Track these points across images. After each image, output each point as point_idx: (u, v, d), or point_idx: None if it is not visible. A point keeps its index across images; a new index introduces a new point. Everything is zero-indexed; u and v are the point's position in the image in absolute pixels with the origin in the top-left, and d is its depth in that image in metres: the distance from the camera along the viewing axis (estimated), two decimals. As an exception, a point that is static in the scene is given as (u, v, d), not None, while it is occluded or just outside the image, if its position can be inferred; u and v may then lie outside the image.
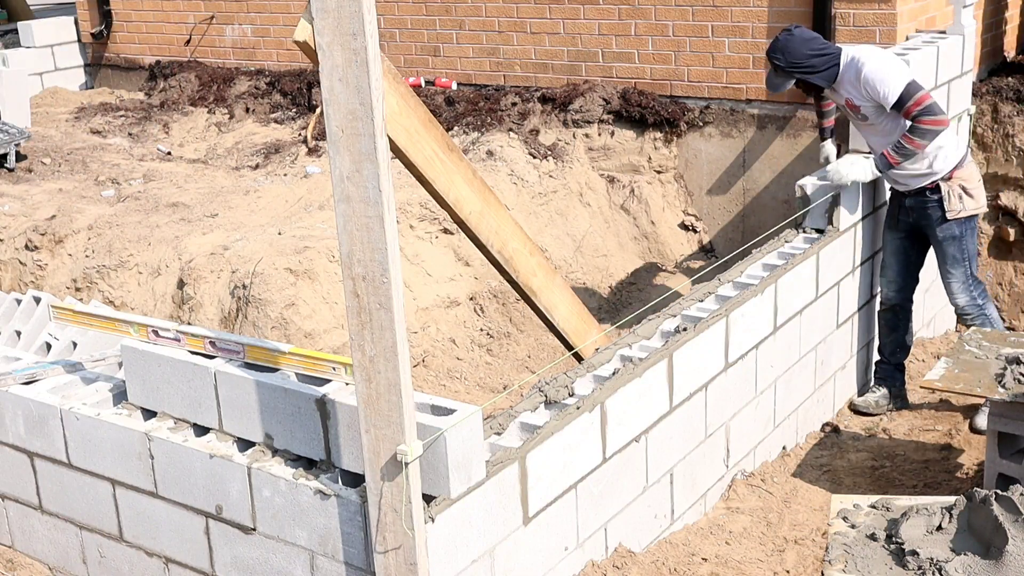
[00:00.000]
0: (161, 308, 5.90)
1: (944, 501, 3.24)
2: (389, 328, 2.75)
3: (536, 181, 6.83)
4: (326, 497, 3.17)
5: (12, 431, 3.96)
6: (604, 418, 3.68)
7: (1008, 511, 2.95)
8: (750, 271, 4.67)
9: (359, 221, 2.70)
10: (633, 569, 3.83)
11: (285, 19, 8.80)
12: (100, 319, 3.81)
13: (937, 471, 4.83)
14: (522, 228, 4.53)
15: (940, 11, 6.49)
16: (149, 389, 3.60)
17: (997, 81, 6.40)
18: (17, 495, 4.08)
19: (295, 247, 5.81)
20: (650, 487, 4.02)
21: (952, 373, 4.28)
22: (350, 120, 2.64)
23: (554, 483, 3.51)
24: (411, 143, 3.80)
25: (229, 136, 8.43)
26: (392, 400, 2.81)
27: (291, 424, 3.26)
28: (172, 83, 9.30)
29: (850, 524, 3.24)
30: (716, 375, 4.31)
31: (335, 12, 2.57)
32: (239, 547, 3.46)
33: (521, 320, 6.16)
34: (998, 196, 6.29)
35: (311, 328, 5.53)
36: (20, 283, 6.32)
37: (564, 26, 7.34)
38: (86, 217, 6.53)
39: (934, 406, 5.42)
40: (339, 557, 3.20)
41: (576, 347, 4.71)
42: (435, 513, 3.02)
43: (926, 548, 3.01)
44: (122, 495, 3.72)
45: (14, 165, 7.63)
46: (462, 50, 7.87)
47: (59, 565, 4.03)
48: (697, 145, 6.99)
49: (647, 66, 7.09)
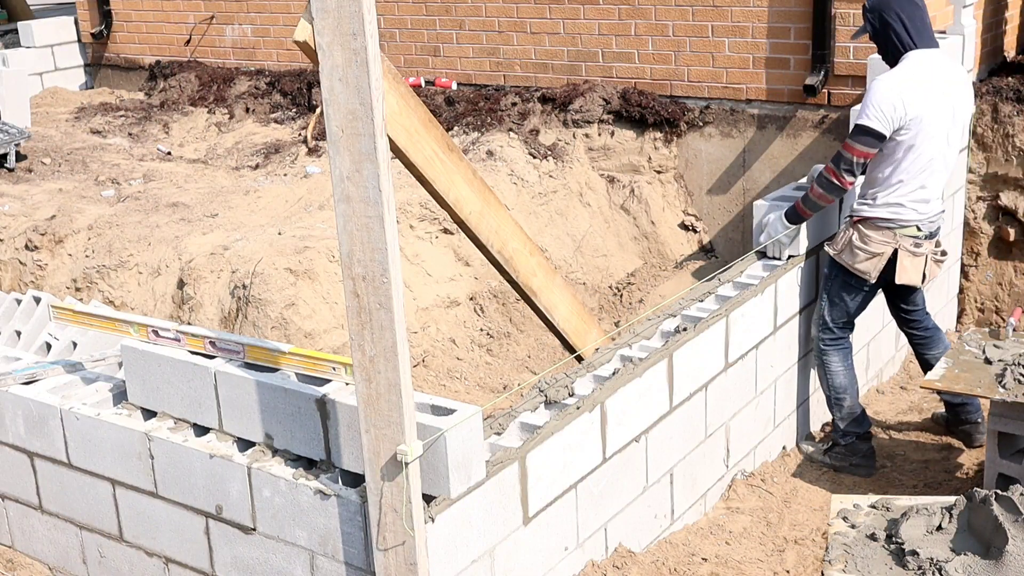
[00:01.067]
0: (161, 308, 5.90)
1: (944, 501, 3.24)
2: (389, 328, 2.75)
3: (536, 181, 6.83)
4: (326, 497, 3.17)
5: (12, 431, 3.96)
6: (604, 418, 3.68)
7: (1008, 511, 2.95)
8: (750, 271, 4.67)
9: (359, 221, 2.70)
10: (633, 569, 3.83)
11: (285, 19, 8.80)
12: (100, 319, 3.81)
13: (937, 471, 4.83)
14: (522, 228, 4.53)
15: (940, 11, 6.48)
16: (149, 389, 3.60)
17: (997, 81, 6.40)
18: (17, 495, 4.08)
19: (295, 247, 5.81)
20: (650, 487, 4.02)
21: (952, 373, 4.28)
22: (350, 120, 2.64)
23: (554, 483, 3.51)
24: (411, 143, 3.80)
25: (229, 136, 8.43)
26: (392, 400, 2.81)
27: (291, 424, 3.26)
28: (172, 83, 9.30)
29: (850, 524, 3.24)
30: (716, 375, 4.31)
31: (335, 12, 2.57)
32: (239, 547, 3.46)
33: (521, 320, 6.16)
34: (998, 196, 6.29)
35: (311, 328, 5.53)
36: (20, 283, 6.32)
37: (564, 26, 7.34)
38: (86, 217, 6.53)
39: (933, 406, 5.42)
40: (339, 557, 3.20)
41: (576, 347, 4.71)
42: (435, 513, 3.02)
43: (926, 548, 3.01)
44: (122, 495, 3.72)
45: (14, 165, 7.63)
46: (462, 50, 7.87)
47: (59, 565, 4.03)
48: (697, 145, 6.99)
49: (647, 66, 7.09)
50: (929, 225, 4.53)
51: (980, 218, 6.37)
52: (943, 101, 4.37)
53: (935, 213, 4.55)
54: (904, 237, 4.49)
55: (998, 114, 6.22)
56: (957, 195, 6.18)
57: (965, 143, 4.67)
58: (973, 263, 6.44)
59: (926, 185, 4.44)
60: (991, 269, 6.41)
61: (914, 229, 4.50)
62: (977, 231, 6.39)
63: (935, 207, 4.54)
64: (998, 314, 6.38)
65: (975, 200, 6.38)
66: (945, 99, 4.38)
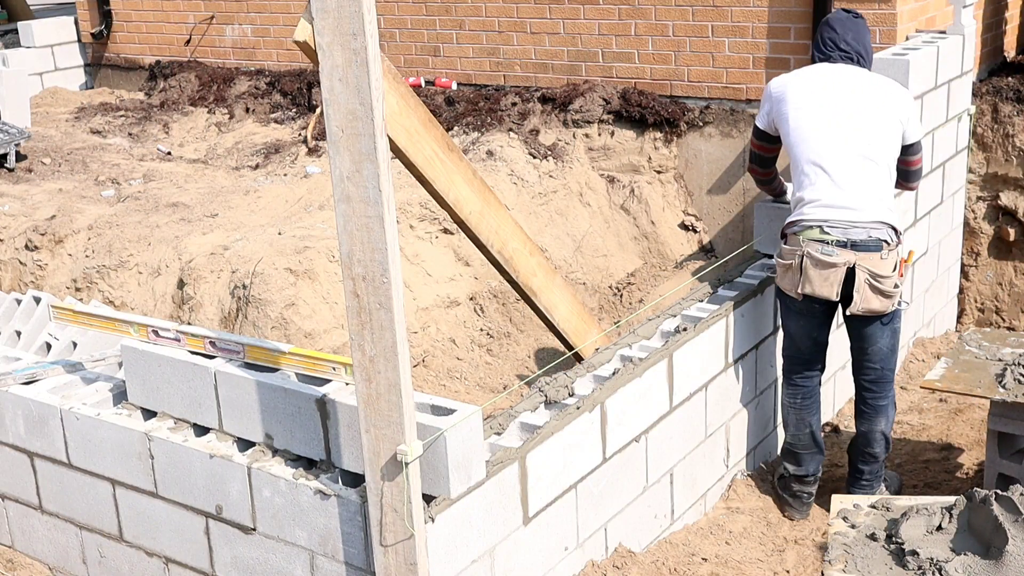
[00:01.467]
0: (161, 308, 5.90)
1: (944, 501, 3.24)
2: (389, 328, 2.75)
3: (536, 181, 6.83)
4: (326, 497, 3.17)
5: (12, 431, 3.96)
6: (604, 418, 3.68)
7: (1008, 511, 2.95)
8: (750, 271, 4.67)
9: (359, 221, 2.70)
10: (633, 569, 3.83)
11: (285, 19, 8.80)
12: (100, 319, 3.81)
13: (937, 471, 4.83)
14: (522, 228, 4.53)
15: (940, 11, 6.49)
16: (149, 389, 3.60)
17: (997, 81, 6.40)
18: (17, 495, 4.08)
19: (295, 247, 5.81)
20: (650, 487, 4.02)
21: (952, 373, 4.28)
22: (350, 120, 2.63)
23: (554, 483, 3.51)
24: (411, 143, 3.80)
25: (229, 136, 8.43)
26: (392, 400, 2.81)
27: (291, 424, 3.26)
28: (172, 83, 9.30)
29: (850, 524, 3.24)
30: (716, 375, 4.31)
31: (335, 12, 2.57)
32: (239, 547, 3.46)
33: (521, 320, 6.16)
34: (998, 196, 6.29)
35: (311, 328, 5.53)
36: (20, 283, 6.32)
37: (564, 26, 7.34)
38: (86, 217, 6.53)
39: (933, 406, 5.42)
40: (339, 557, 3.20)
41: (576, 347, 4.71)
42: (435, 513, 3.02)
43: (926, 548, 3.01)
44: (122, 495, 3.72)
45: (14, 165, 7.63)
46: (462, 50, 7.87)
47: (59, 565, 4.03)
48: (697, 145, 6.99)
49: (647, 66, 7.09)
50: (842, 231, 4.10)
51: (980, 218, 6.37)
52: (829, 100, 4.24)
53: (853, 219, 4.11)
54: (809, 242, 4.12)
55: (998, 114, 6.22)
56: (957, 195, 6.18)
57: (898, 151, 4.26)
58: (973, 263, 6.44)
59: (824, 183, 4.15)
60: (991, 269, 6.41)
61: (817, 231, 4.12)
62: (977, 231, 6.39)
63: (851, 214, 4.12)
64: (998, 314, 6.38)
65: (975, 200, 6.38)
66: (834, 99, 4.24)
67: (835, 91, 4.28)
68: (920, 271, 5.78)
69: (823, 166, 4.17)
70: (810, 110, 4.25)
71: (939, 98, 5.67)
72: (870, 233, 4.10)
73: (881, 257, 4.09)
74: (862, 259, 4.07)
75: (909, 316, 5.76)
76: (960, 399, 5.23)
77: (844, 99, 4.26)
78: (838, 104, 4.25)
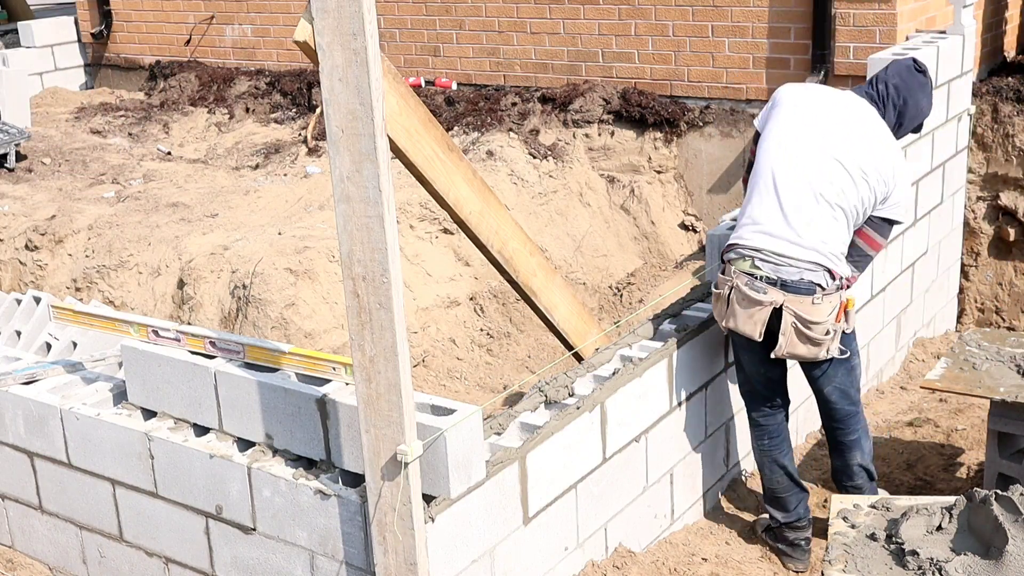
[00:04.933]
0: (161, 308, 5.90)
1: (944, 501, 3.24)
2: (389, 328, 2.75)
3: (536, 181, 6.84)
4: (326, 497, 3.17)
5: (12, 431, 3.96)
6: (604, 418, 3.68)
7: (1008, 511, 2.95)
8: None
9: (359, 221, 2.70)
10: (633, 569, 3.83)
11: (285, 19, 8.80)
12: (100, 319, 3.81)
13: (937, 471, 4.83)
14: (522, 228, 4.53)
15: (940, 11, 6.49)
16: (149, 389, 3.60)
17: (997, 81, 6.40)
18: (17, 495, 4.08)
19: (295, 247, 5.82)
20: (650, 487, 4.02)
21: (952, 373, 4.28)
22: (350, 120, 2.63)
23: (554, 483, 3.51)
24: (411, 143, 3.80)
25: (229, 136, 8.43)
26: (392, 400, 2.81)
27: (291, 424, 3.26)
28: (172, 83, 9.31)
29: (850, 524, 3.24)
30: (717, 374, 4.31)
31: (335, 12, 2.57)
32: (239, 547, 3.46)
33: (521, 320, 6.16)
34: (998, 196, 6.29)
35: (311, 328, 5.53)
36: (20, 283, 6.32)
37: (564, 26, 7.35)
38: (86, 217, 6.53)
39: (933, 406, 5.42)
40: (339, 557, 3.20)
41: (576, 347, 4.71)
42: (435, 513, 3.02)
43: (926, 548, 3.01)
44: (122, 495, 3.72)
45: (14, 165, 7.64)
46: (462, 50, 7.87)
47: (59, 565, 4.03)
48: (697, 145, 7.00)
49: (647, 66, 7.09)
50: (773, 268, 3.76)
51: (980, 218, 6.37)
52: (816, 125, 3.87)
53: (789, 254, 3.76)
54: (740, 273, 3.80)
55: (998, 114, 6.23)
56: (957, 195, 6.18)
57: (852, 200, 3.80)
58: (973, 263, 6.44)
59: (771, 205, 3.81)
60: (991, 269, 6.41)
61: (749, 264, 3.79)
62: (977, 231, 6.39)
63: (788, 248, 3.76)
64: (998, 314, 6.38)
65: (975, 200, 6.38)
66: (821, 126, 3.87)
67: (827, 120, 3.87)
68: (920, 271, 5.78)
69: (777, 188, 3.81)
70: (792, 126, 3.87)
71: (939, 98, 5.67)
72: (803, 275, 3.74)
73: (813, 302, 3.74)
74: (791, 301, 3.74)
75: (909, 316, 5.76)
76: (960, 399, 5.23)
77: (830, 132, 3.85)
78: (822, 134, 3.84)
